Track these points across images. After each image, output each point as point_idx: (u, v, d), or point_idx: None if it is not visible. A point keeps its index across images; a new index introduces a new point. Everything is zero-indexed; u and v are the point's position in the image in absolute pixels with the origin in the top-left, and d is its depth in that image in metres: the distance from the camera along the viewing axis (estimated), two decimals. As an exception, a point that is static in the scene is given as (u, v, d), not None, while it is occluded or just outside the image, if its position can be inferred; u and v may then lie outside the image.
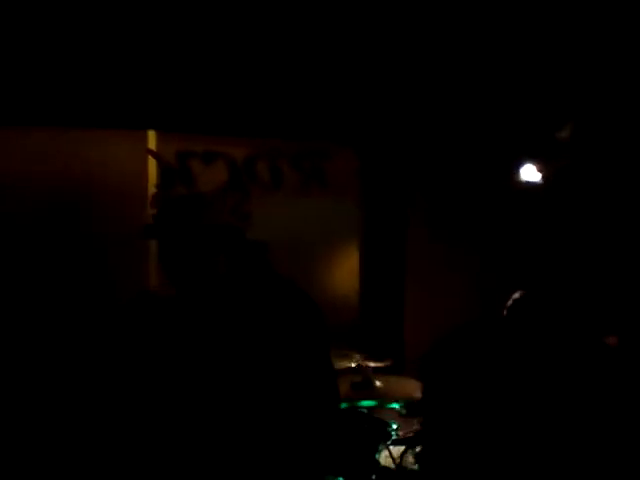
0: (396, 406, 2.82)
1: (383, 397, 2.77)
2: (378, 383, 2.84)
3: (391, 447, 2.86)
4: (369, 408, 2.88)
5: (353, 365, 2.98)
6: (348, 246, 4.36)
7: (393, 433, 2.87)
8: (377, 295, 4.31)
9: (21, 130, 3.69)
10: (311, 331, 2.24)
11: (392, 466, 2.75)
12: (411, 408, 2.92)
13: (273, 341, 2.18)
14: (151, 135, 3.99)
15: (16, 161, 3.69)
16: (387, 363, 3.47)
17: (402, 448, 2.93)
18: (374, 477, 2.74)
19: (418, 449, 2.72)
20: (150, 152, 3.97)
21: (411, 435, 3.10)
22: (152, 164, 3.97)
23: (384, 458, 2.84)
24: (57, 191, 3.77)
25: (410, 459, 2.79)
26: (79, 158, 3.84)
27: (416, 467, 2.80)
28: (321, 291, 4.23)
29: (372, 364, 3.47)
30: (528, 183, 4.06)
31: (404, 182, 4.34)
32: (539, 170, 4.04)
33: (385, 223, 4.35)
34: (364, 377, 2.83)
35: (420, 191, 4.32)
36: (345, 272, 4.36)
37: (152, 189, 3.96)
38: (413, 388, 2.82)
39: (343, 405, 2.71)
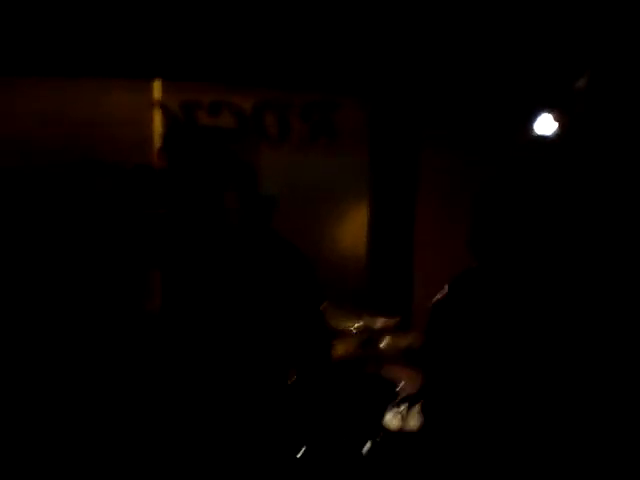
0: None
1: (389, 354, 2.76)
2: (384, 342, 2.83)
3: (398, 407, 2.85)
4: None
5: (359, 324, 2.96)
6: (357, 199, 4.30)
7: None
8: (386, 250, 4.26)
9: (25, 80, 3.62)
10: (300, 281, 2.31)
11: (398, 425, 2.75)
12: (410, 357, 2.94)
13: (263, 287, 2.24)
14: (156, 85, 3.90)
15: (20, 112, 3.63)
16: (395, 320, 3.46)
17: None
18: (378, 439, 2.75)
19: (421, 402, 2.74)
20: (156, 102, 3.89)
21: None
22: (157, 114, 3.89)
23: (391, 418, 2.84)
24: (62, 142, 3.70)
25: (414, 418, 2.79)
26: (83, 108, 3.77)
27: (418, 424, 2.81)
28: (329, 244, 4.20)
29: (380, 322, 3.46)
30: (543, 136, 3.96)
31: (413, 134, 4.23)
32: (556, 120, 3.92)
33: (394, 175, 4.27)
34: (369, 336, 2.82)
35: (430, 143, 4.22)
36: (354, 225, 4.31)
37: (158, 140, 3.89)
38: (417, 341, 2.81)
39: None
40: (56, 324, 3.43)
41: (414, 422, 2.75)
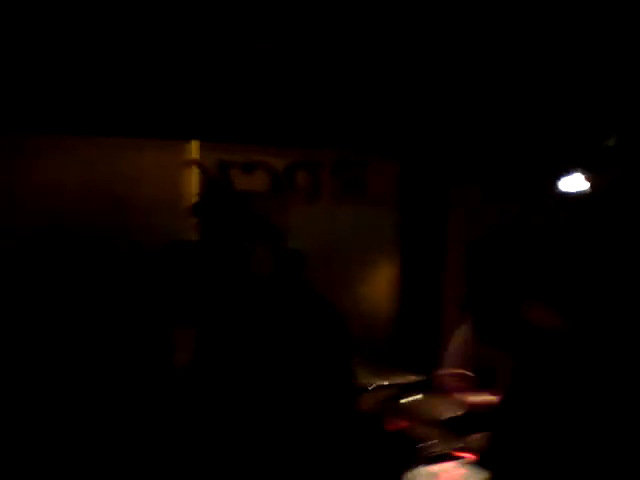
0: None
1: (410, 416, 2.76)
2: (405, 400, 2.84)
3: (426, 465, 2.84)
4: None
5: (385, 383, 2.98)
6: (387, 257, 4.35)
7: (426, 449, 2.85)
8: (415, 307, 4.29)
9: (61, 139, 3.78)
10: (331, 339, 2.32)
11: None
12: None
13: (292, 344, 2.26)
14: (194, 145, 4.05)
15: (55, 170, 3.79)
16: (420, 378, 3.45)
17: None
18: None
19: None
20: (194, 162, 4.03)
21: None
22: (192, 174, 4.03)
23: (415, 477, 2.82)
24: (97, 201, 3.84)
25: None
26: (119, 168, 3.92)
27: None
28: (359, 302, 4.25)
29: (403, 379, 3.46)
30: (569, 193, 3.99)
31: (444, 193, 4.31)
32: (587, 180, 3.95)
33: (424, 233, 4.33)
34: (392, 393, 2.83)
35: (460, 202, 4.28)
36: (384, 283, 4.36)
37: (192, 199, 4.01)
38: (446, 407, 2.81)
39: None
40: (84, 378, 3.53)
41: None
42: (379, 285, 4.35)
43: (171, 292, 3.25)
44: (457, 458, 2.96)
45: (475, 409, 2.97)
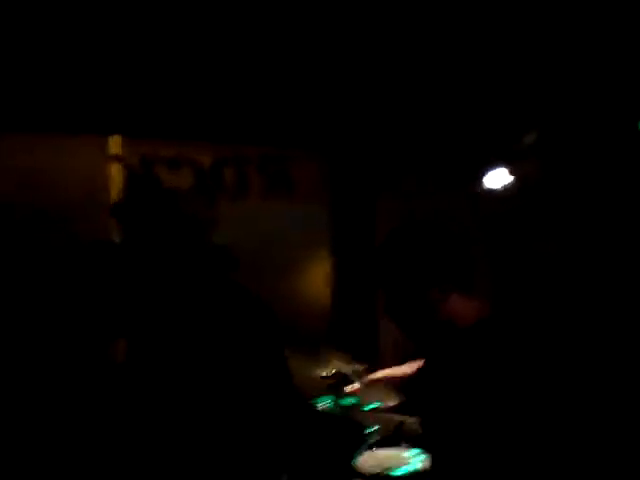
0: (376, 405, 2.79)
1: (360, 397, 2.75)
2: (351, 387, 2.82)
3: (372, 450, 2.83)
4: (347, 408, 2.85)
5: (329, 371, 2.95)
6: (318, 251, 4.34)
7: (371, 435, 2.85)
8: (349, 300, 4.30)
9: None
10: (260, 331, 2.32)
11: (372, 471, 2.73)
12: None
13: (221, 340, 2.24)
14: (116, 140, 3.91)
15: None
16: (364, 366, 3.45)
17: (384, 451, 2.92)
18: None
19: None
20: (115, 157, 3.89)
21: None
22: (115, 170, 3.89)
23: (363, 462, 2.81)
24: (17, 200, 3.66)
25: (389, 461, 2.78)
26: (39, 165, 3.74)
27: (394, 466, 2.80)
28: (291, 297, 4.21)
29: (349, 367, 3.45)
30: (493, 190, 4.11)
31: (372, 185, 4.34)
32: (510, 174, 4.09)
33: (354, 227, 4.34)
34: (338, 379, 2.81)
35: (388, 194, 4.33)
36: (316, 277, 4.34)
37: (116, 196, 3.88)
38: (387, 396, 2.81)
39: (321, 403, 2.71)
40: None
41: (389, 464, 2.74)
42: (311, 281, 4.33)
43: (96, 297, 3.12)
44: (400, 443, 2.98)
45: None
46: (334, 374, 2.94)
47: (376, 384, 3.06)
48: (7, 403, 3.25)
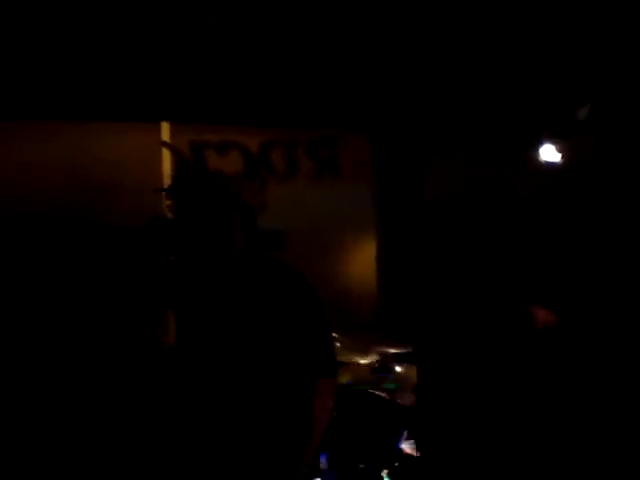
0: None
1: (403, 381, 2.76)
2: (398, 368, 2.82)
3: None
4: (390, 391, 2.86)
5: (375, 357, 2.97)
6: (364, 234, 4.34)
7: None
8: (395, 282, 4.29)
9: (34, 124, 3.71)
10: (305, 311, 2.31)
11: (415, 453, 2.75)
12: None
13: (269, 313, 2.27)
14: (164, 127, 3.98)
15: (30, 154, 3.71)
16: (407, 349, 3.46)
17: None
18: (397, 464, 2.74)
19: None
20: (164, 144, 3.96)
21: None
22: (166, 156, 3.96)
23: (408, 445, 2.84)
24: (72, 185, 3.77)
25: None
26: (93, 151, 3.85)
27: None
28: (338, 278, 4.24)
29: (392, 350, 3.47)
30: (548, 163, 4.01)
31: (418, 168, 4.30)
32: (558, 150, 3.98)
33: (400, 206, 4.32)
34: (383, 362, 2.82)
35: (435, 177, 4.29)
36: (362, 259, 4.35)
37: (167, 181, 3.95)
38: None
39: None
40: (73, 361, 3.45)
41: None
42: (358, 261, 4.33)
43: (152, 272, 3.21)
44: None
45: None
46: (378, 359, 2.95)
47: None
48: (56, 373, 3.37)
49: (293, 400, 2.26)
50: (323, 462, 2.52)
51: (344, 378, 2.68)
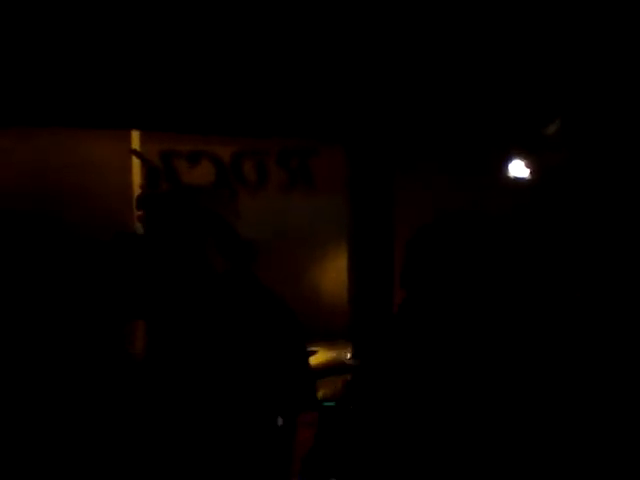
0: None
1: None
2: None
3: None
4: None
5: (347, 359, 2.94)
6: (336, 244, 4.33)
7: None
8: (366, 293, 4.28)
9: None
10: (280, 326, 2.31)
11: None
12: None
13: (245, 333, 2.25)
14: (134, 135, 3.93)
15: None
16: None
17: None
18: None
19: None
20: (134, 152, 3.91)
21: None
22: (136, 164, 3.91)
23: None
24: (38, 193, 3.69)
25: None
26: (60, 159, 3.77)
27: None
28: (309, 290, 4.21)
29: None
30: (517, 179, 4.05)
31: (391, 179, 4.31)
32: (527, 166, 4.03)
33: (373, 220, 4.32)
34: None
35: (408, 188, 4.30)
36: (334, 270, 4.33)
37: (137, 190, 3.90)
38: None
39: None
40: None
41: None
42: (330, 273, 4.32)
43: (120, 284, 3.15)
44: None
45: None
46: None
47: None
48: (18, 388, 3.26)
49: (271, 432, 2.24)
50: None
51: (322, 393, 2.64)
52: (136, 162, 3.92)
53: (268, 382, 2.26)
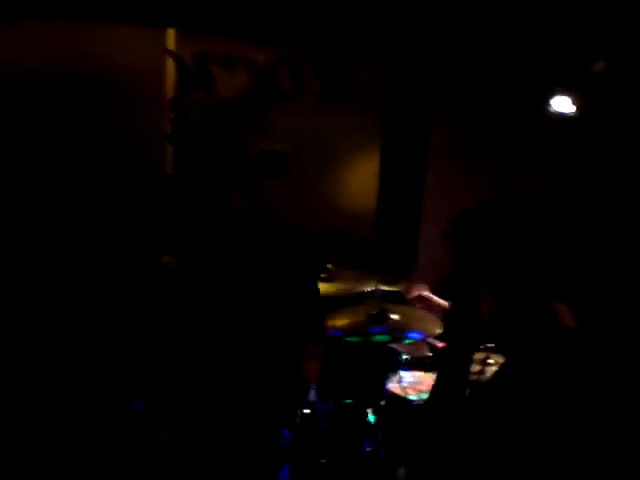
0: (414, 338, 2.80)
1: (400, 330, 2.75)
2: (394, 316, 2.81)
3: (401, 373, 2.89)
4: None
5: (368, 289, 2.94)
6: (368, 160, 4.26)
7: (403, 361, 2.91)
8: (394, 212, 4.25)
9: (30, 23, 3.51)
10: (295, 267, 2.36)
11: (401, 393, 2.79)
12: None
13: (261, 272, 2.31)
14: (170, 34, 3.80)
15: (29, 55, 3.54)
16: (400, 287, 3.45)
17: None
18: (382, 403, 2.79)
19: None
20: (168, 52, 3.80)
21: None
22: (170, 66, 3.81)
23: (394, 385, 2.87)
24: (72, 89, 3.63)
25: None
26: (95, 54, 3.68)
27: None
28: (338, 204, 4.19)
29: (385, 287, 3.45)
30: (560, 114, 3.89)
31: (427, 99, 4.18)
32: (573, 102, 3.86)
33: (406, 139, 4.23)
34: (380, 309, 2.80)
35: (443, 108, 4.17)
36: (363, 186, 4.28)
37: (170, 92, 3.83)
38: (429, 322, 2.80)
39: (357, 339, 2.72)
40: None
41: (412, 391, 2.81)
42: (360, 188, 4.27)
43: (151, 222, 3.14)
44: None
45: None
46: (374, 290, 2.92)
47: (420, 304, 3.04)
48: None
49: (284, 363, 2.28)
50: (312, 395, 2.55)
51: (339, 323, 2.66)
52: (170, 64, 3.82)
53: (279, 315, 2.29)
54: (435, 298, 3.04)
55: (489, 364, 2.33)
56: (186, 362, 2.32)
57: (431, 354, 3.04)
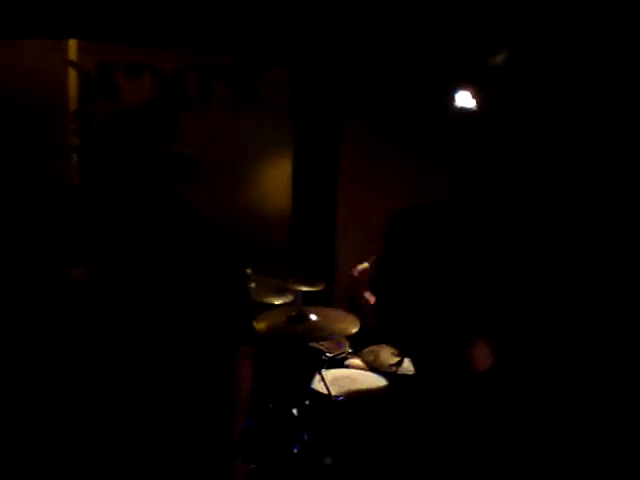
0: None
1: (319, 332, 2.78)
2: (313, 317, 2.84)
3: (324, 372, 2.91)
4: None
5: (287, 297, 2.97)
6: (280, 163, 4.28)
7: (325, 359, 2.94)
8: (309, 215, 4.29)
9: None
10: (220, 267, 2.30)
11: (324, 391, 2.81)
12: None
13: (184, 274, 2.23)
14: (72, 45, 3.72)
15: None
16: (319, 287, 3.49)
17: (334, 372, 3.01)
18: (307, 402, 2.81)
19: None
20: (70, 63, 3.71)
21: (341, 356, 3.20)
22: (73, 77, 3.72)
23: (317, 383, 2.90)
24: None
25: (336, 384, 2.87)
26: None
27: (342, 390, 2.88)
28: (252, 209, 4.19)
29: (303, 288, 3.49)
30: (463, 109, 4.02)
31: (337, 99, 4.24)
32: (473, 96, 4.00)
33: (318, 140, 4.28)
34: (299, 310, 2.83)
35: (353, 108, 4.25)
36: (277, 190, 4.30)
37: (74, 103, 3.73)
38: (348, 323, 2.83)
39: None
40: None
41: (337, 388, 2.84)
42: (273, 193, 4.29)
43: (60, 234, 3.06)
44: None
45: None
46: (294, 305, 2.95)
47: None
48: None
49: (215, 366, 2.26)
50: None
51: (259, 326, 2.67)
52: (73, 74, 3.73)
53: (208, 316, 2.27)
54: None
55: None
56: (107, 374, 2.26)
57: (351, 351, 3.09)
